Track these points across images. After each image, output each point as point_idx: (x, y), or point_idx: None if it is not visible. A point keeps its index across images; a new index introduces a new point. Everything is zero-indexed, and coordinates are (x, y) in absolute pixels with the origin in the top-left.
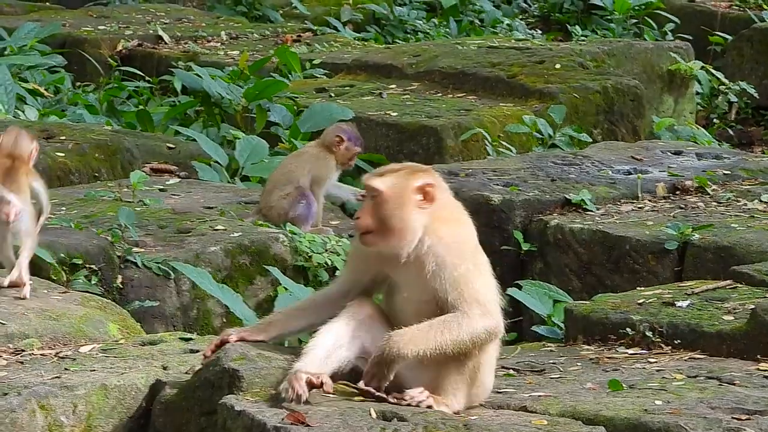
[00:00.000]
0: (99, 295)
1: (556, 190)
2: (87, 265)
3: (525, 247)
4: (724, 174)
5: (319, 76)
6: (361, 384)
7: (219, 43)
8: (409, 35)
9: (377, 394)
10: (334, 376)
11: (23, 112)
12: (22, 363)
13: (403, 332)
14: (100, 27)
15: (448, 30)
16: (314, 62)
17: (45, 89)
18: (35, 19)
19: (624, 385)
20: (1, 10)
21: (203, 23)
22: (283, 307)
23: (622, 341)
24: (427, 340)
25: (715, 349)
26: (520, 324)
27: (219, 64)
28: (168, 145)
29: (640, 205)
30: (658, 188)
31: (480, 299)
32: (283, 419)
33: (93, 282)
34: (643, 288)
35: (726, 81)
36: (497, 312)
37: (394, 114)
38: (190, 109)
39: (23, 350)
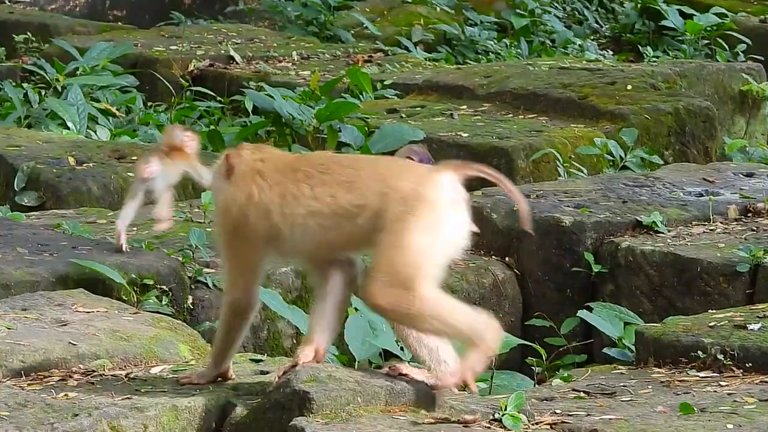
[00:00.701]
0: (170, 315)
1: (627, 212)
2: (158, 286)
3: (596, 269)
4: None
5: (390, 96)
6: None
7: (290, 64)
8: (480, 56)
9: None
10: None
11: (95, 132)
12: (92, 384)
13: None
14: (171, 47)
15: (519, 51)
16: (385, 83)
17: (117, 109)
18: (107, 39)
19: (695, 409)
20: (73, 29)
21: (275, 43)
22: (312, 318)
23: (693, 364)
24: None
25: None
26: (590, 346)
27: (290, 85)
28: None
29: (711, 228)
30: (730, 210)
31: (226, 272)
32: None
33: (164, 302)
34: (714, 311)
35: None
36: (236, 286)
37: (465, 135)
38: (262, 130)
39: (94, 371)
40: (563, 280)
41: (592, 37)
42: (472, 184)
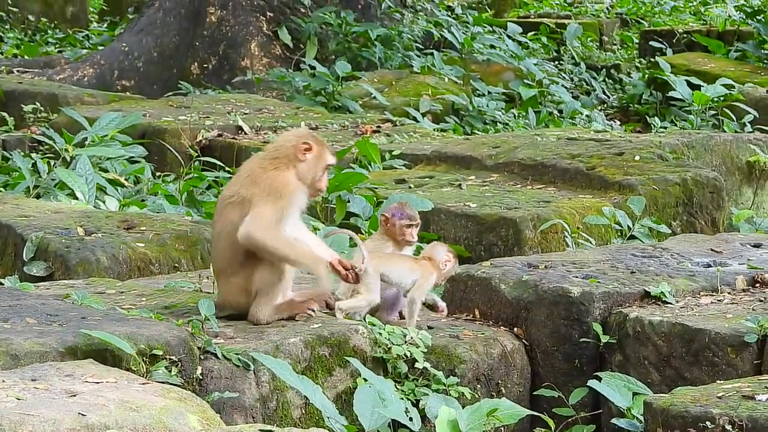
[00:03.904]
0: (179, 386)
1: (635, 283)
2: (167, 357)
3: (604, 339)
4: None
5: (398, 167)
6: None
7: None
8: (488, 126)
9: None
10: None
11: (104, 202)
12: None
13: None
14: (180, 117)
15: (527, 121)
16: (394, 153)
17: (125, 179)
18: (115, 109)
19: None
20: (81, 99)
21: (283, 113)
22: None
23: None
24: None
25: None
26: (599, 417)
27: None
28: None
29: (719, 298)
30: (738, 281)
31: None
32: None
33: (173, 373)
34: (722, 381)
35: None
36: None
37: (474, 205)
38: None
39: None
40: (571, 350)
41: (599, 108)
42: (481, 256)
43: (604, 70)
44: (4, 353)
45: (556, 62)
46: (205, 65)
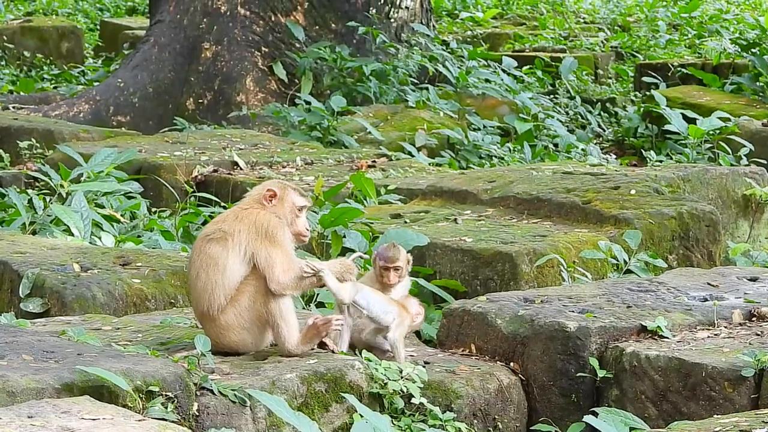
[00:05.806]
0: (175, 422)
1: (631, 317)
2: (163, 393)
3: (600, 374)
4: None
5: (394, 201)
6: None
7: (294, 169)
8: (483, 160)
9: None
10: None
11: (100, 238)
12: None
13: None
14: (175, 153)
15: (522, 155)
16: (389, 188)
17: (121, 215)
18: (111, 145)
19: None
20: (77, 136)
21: (278, 149)
22: None
23: None
24: None
25: None
26: None
27: None
28: None
29: (716, 332)
30: (734, 315)
31: None
32: None
33: (169, 409)
34: (719, 416)
35: None
36: None
37: (469, 240)
38: None
39: None
40: (568, 385)
41: (595, 141)
42: (477, 290)
43: (600, 103)
44: (0, 390)
45: (552, 96)
46: (200, 100)
